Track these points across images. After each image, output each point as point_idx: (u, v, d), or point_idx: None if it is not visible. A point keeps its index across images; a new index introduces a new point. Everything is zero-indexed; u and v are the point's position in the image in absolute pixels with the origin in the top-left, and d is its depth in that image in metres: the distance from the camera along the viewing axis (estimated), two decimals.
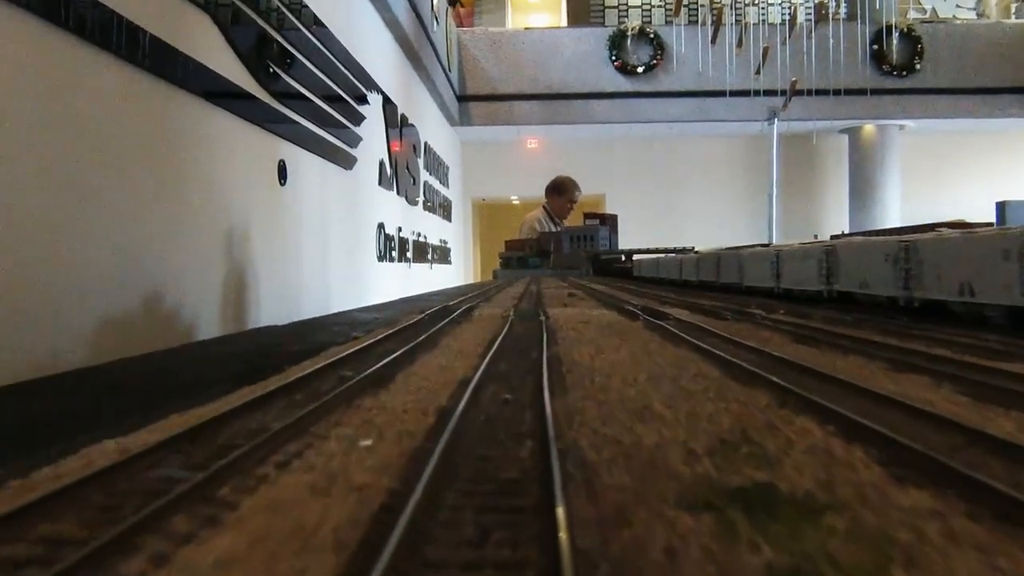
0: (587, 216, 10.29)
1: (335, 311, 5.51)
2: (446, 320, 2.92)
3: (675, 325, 2.60)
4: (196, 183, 3.63)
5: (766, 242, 6.22)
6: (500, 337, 2.30)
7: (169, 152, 3.38)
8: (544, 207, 11.25)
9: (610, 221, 9.97)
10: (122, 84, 2.99)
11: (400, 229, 8.85)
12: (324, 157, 5.74)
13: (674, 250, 7.74)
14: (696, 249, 7.09)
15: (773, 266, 3.85)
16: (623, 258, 8.84)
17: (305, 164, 5.28)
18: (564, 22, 16.09)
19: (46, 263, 2.56)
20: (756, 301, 3.56)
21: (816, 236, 6.40)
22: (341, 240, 6.32)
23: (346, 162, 6.37)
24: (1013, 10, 15.56)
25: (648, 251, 8.44)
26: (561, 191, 11.06)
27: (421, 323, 2.87)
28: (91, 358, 2.70)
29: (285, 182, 4.86)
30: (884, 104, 14.03)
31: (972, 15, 15.29)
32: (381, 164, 7.85)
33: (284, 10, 4.82)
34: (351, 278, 6.62)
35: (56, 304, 2.59)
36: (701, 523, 0.76)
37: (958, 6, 15.56)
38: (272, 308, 4.50)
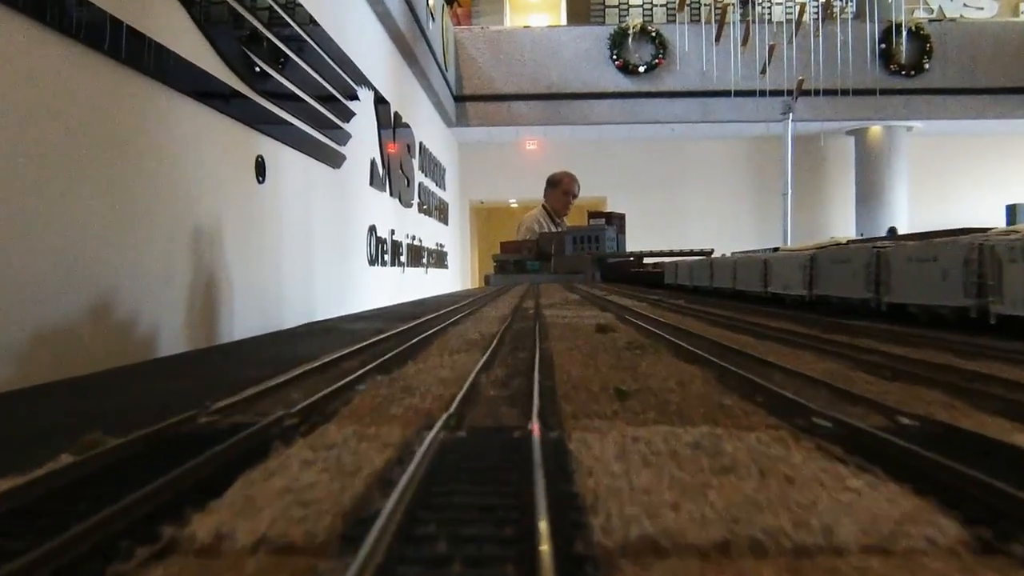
0: (592, 215, 9.64)
1: (320, 318, 5.11)
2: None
3: None
4: (157, 179, 3.23)
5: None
6: None
7: (124, 143, 2.97)
8: (543, 206, 10.75)
9: (617, 220, 9.30)
10: (64, 64, 2.59)
11: (393, 232, 8.44)
12: (309, 154, 5.34)
13: (689, 252, 7.30)
14: (713, 251, 6.66)
15: None
16: (633, 261, 8.24)
17: (287, 161, 4.89)
18: (564, 21, 15.72)
19: None
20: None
21: (832, 238, 6.00)
22: (328, 243, 5.92)
23: (333, 160, 5.97)
24: (1022, 8, 15.19)
25: (660, 253, 7.98)
26: (555, 183, 10.54)
27: None
28: (20, 379, 2.30)
29: (264, 180, 4.46)
30: (892, 104, 13.66)
31: (979, 14, 14.91)
32: (372, 164, 7.46)
33: None
34: (339, 284, 6.22)
35: None
36: None
37: (965, 5, 15.19)
38: (248, 318, 4.10)
